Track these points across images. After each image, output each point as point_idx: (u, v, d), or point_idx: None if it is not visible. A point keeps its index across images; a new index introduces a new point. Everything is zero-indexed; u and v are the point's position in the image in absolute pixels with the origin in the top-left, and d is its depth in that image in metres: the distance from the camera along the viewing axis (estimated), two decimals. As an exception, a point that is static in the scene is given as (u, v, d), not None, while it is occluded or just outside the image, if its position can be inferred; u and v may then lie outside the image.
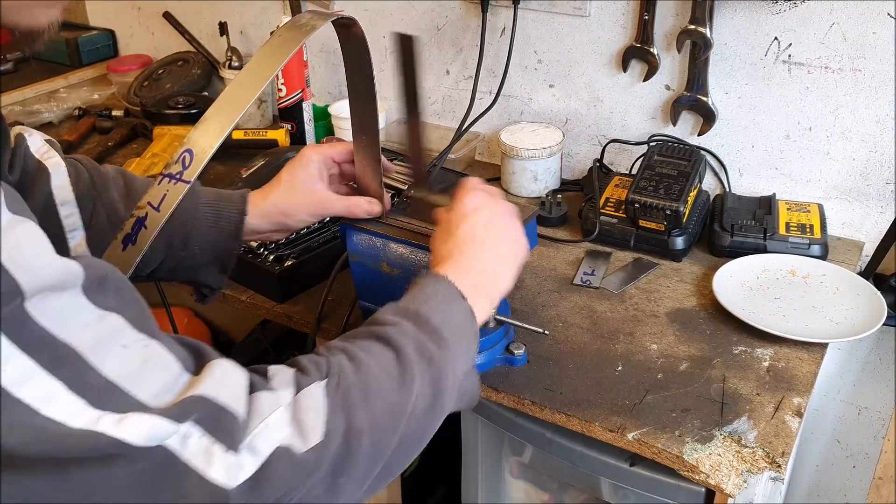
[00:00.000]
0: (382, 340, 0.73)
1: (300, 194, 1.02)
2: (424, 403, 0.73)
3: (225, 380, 0.60)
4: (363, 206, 1.04)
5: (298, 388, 0.65)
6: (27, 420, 0.51)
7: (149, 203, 0.84)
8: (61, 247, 0.90)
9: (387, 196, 1.06)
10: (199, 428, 0.56)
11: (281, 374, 0.67)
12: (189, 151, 0.81)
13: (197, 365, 0.61)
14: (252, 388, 0.63)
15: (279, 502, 0.59)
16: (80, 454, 0.52)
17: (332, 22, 0.89)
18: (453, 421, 1.22)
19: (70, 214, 0.93)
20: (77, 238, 0.93)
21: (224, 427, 0.58)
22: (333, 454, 0.63)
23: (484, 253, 0.88)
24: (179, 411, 0.56)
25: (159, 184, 0.84)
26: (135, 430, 0.53)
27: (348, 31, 0.92)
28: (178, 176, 0.82)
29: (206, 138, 0.82)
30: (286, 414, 0.63)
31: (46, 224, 0.65)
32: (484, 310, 0.85)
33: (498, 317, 1.07)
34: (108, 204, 0.96)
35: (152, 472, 0.54)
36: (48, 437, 0.51)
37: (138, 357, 0.57)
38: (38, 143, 0.94)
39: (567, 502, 1.31)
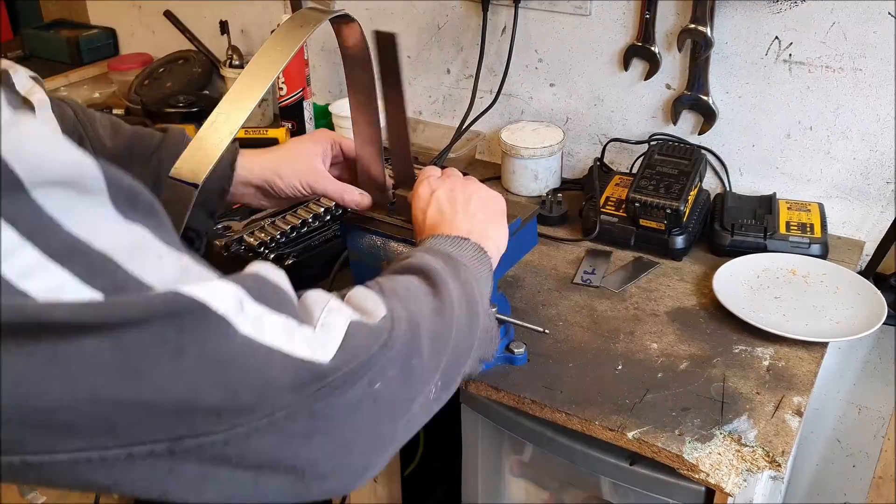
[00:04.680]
0: (404, 269, 0.72)
1: (297, 161, 1.02)
2: (462, 310, 0.71)
3: (274, 272, 0.57)
4: (354, 196, 1.04)
5: (340, 294, 0.64)
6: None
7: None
8: None
9: (390, 181, 1.06)
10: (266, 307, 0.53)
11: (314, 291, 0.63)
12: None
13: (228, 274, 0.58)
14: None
15: (361, 372, 0.57)
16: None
17: (331, 20, 0.90)
18: (453, 419, 1.22)
19: None
20: None
21: (289, 305, 0.55)
22: (403, 333, 0.61)
23: (459, 215, 0.87)
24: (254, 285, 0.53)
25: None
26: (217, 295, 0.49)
27: (349, 27, 0.92)
28: None
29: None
30: (342, 302, 0.61)
31: None
32: (490, 248, 0.84)
33: (498, 316, 1.07)
34: (95, 140, 0.95)
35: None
36: None
37: (175, 267, 0.52)
38: (23, 80, 0.91)
39: (567, 501, 1.31)
